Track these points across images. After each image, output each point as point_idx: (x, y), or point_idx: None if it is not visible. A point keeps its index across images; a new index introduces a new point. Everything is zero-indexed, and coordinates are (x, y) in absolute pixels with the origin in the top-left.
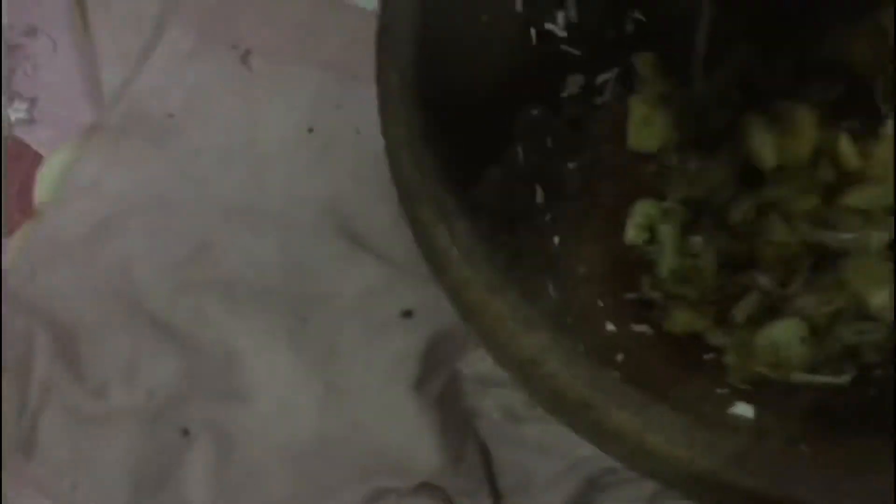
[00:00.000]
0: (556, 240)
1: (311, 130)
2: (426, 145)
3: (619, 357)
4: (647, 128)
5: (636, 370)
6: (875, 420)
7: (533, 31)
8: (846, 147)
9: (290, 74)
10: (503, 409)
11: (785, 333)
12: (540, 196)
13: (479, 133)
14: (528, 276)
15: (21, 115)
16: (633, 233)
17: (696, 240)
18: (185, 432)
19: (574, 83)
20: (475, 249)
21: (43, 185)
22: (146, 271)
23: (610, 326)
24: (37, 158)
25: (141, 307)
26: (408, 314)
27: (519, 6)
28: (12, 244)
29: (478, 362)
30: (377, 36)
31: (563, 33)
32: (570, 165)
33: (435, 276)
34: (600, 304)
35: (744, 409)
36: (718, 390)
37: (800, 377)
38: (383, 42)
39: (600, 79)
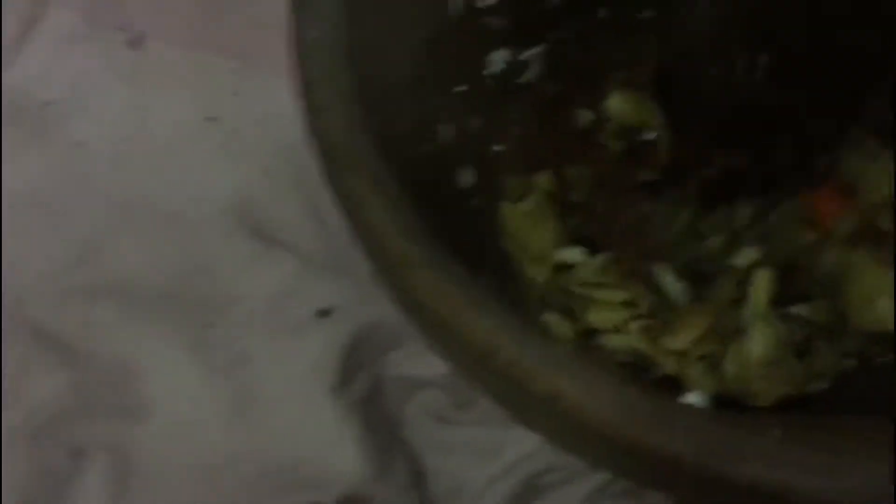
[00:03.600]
0: (487, 225)
1: (211, 120)
2: (359, 106)
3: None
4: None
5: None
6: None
7: (453, 2)
8: None
9: (185, 60)
10: (431, 412)
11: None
12: (467, 179)
13: (404, 107)
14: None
15: None
16: None
17: None
18: (77, 453)
19: (498, 59)
20: (417, 225)
21: None
22: (27, 277)
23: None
24: None
25: (23, 316)
26: (324, 313)
27: None
28: None
29: (403, 362)
30: None
31: (486, 3)
32: (496, 148)
33: (370, 259)
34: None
35: (695, 398)
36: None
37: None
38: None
39: (525, 55)
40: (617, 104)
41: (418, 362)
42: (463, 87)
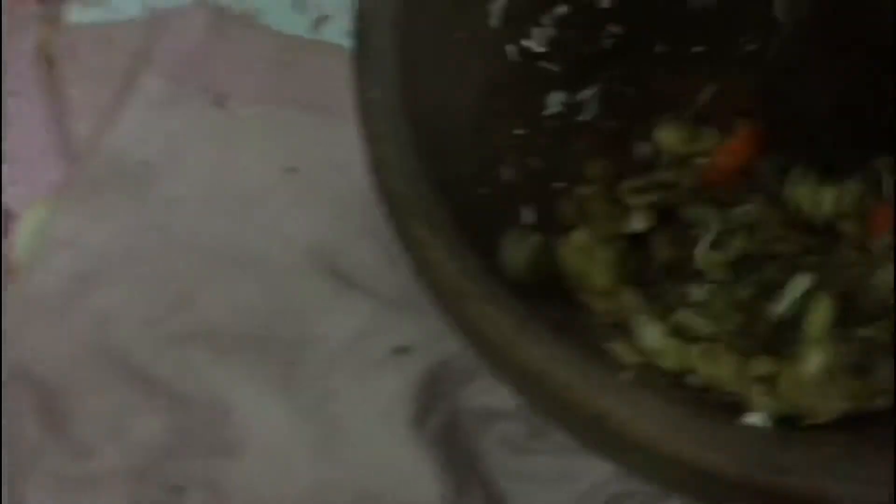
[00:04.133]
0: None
1: (290, 170)
2: (418, 158)
3: (625, 376)
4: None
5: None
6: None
7: (511, 48)
8: None
9: (265, 115)
10: (507, 442)
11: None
12: (529, 217)
13: (464, 153)
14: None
15: None
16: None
17: None
18: (177, 490)
19: (555, 101)
20: (474, 263)
21: (20, 243)
22: (127, 325)
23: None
24: (10, 216)
25: (124, 362)
26: (401, 351)
27: (494, 22)
28: None
29: (478, 395)
30: (353, 59)
31: (540, 49)
32: (556, 185)
33: (432, 295)
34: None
35: (758, 419)
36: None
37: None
38: (361, 64)
39: (581, 95)
40: (666, 136)
41: (493, 395)
42: (522, 130)
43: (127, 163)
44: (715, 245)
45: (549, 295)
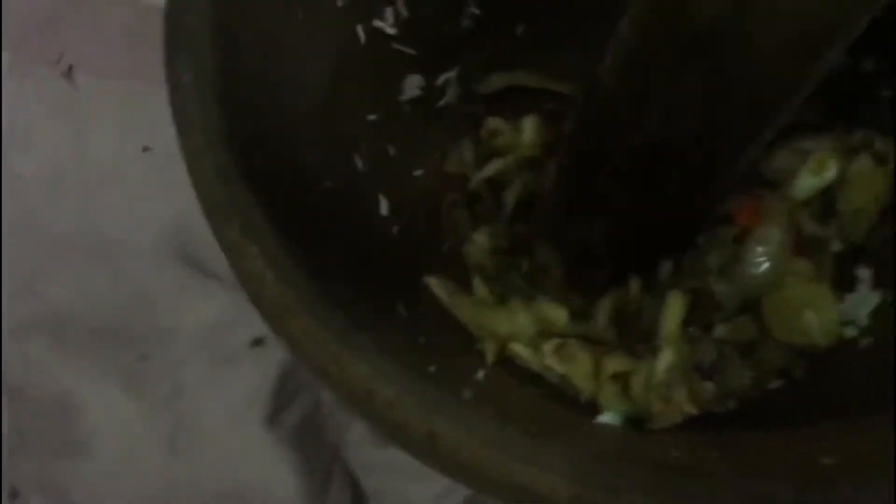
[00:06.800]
0: (406, 254)
1: (146, 149)
2: (233, 152)
3: (480, 375)
4: None
5: (498, 387)
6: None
7: (360, 29)
8: None
9: (119, 89)
10: (370, 435)
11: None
12: (385, 207)
13: (306, 141)
14: (371, 295)
15: None
16: None
17: None
18: (14, 494)
19: (413, 85)
20: (295, 273)
21: None
22: None
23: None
24: None
25: None
26: (258, 342)
27: (340, 1)
28: None
29: None
30: (164, 30)
31: (393, 31)
32: (416, 173)
33: (254, 306)
34: None
35: (609, 419)
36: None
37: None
38: (173, 36)
39: (440, 79)
40: (529, 126)
41: None
42: (377, 116)
43: None
44: None
45: (397, 291)
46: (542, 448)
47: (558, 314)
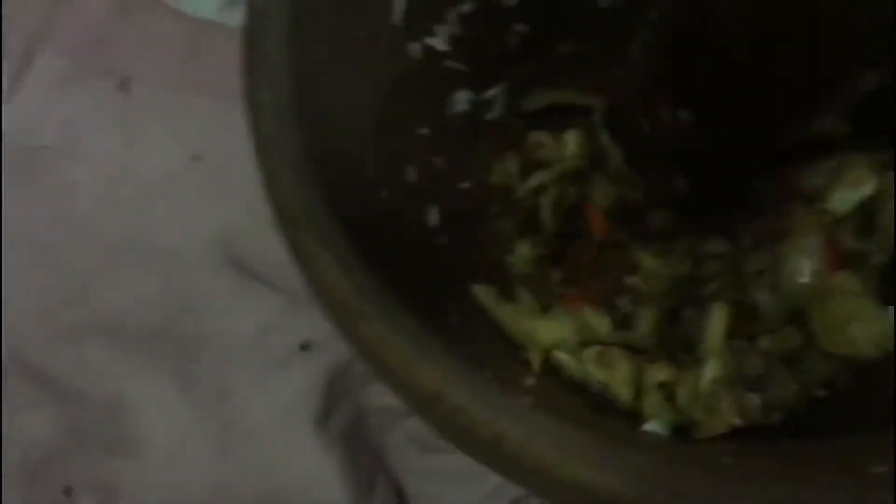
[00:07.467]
0: (455, 263)
1: (196, 158)
2: (308, 166)
3: (529, 381)
4: None
5: (548, 394)
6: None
7: (415, 47)
8: None
9: (170, 100)
10: (414, 439)
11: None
12: (434, 218)
13: (365, 155)
14: (426, 303)
15: None
16: None
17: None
18: (68, 491)
19: (461, 100)
20: (366, 279)
21: None
22: (21, 317)
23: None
24: None
25: (17, 356)
26: (306, 347)
27: (397, 20)
28: None
29: (384, 393)
30: (243, 52)
31: (445, 48)
32: (463, 185)
33: (325, 312)
34: None
35: (655, 427)
36: None
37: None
38: (252, 59)
39: (487, 94)
40: (572, 140)
41: None
42: (427, 130)
43: (22, 146)
44: None
45: (448, 300)
46: (604, 450)
47: (601, 322)
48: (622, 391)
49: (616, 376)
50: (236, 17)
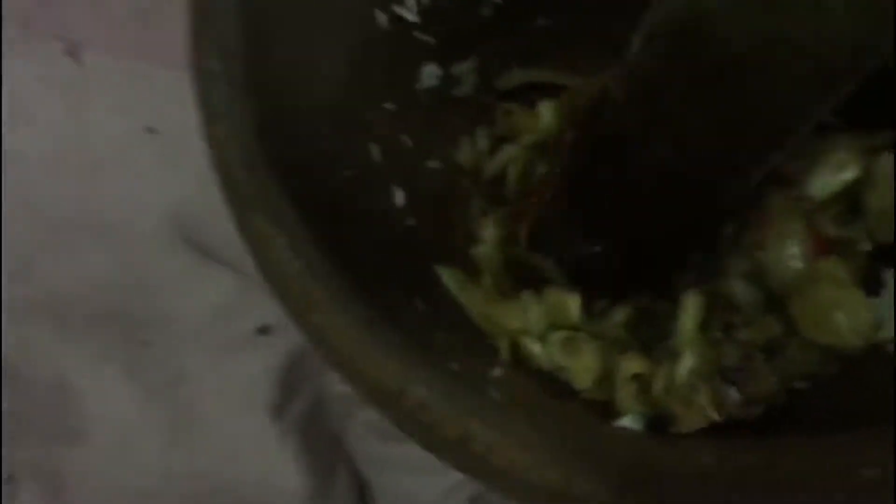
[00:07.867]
0: (421, 246)
1: (150, 131)
2: (261, 140)
3: (497, 372)
4: None
5: (516, 387)
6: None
7: (382, 15)
8: None
9: (124, 69)
10: (373, 428)
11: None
12: (400, 198)
13: (326, 130)
14: (388, 289)
15: None
16: None
17: None
18: (9, 479)
19: (430, 74)
20: (321, 263)
21: None
22: None
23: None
24: None
25: None
26: (264, 331)
27: None
28: None
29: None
30: (190, 13)
31: (415, 18)
32: (431, 164)
33: (276, 297)
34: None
35: (630, 422)
36: None
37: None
38: (199, 21)
39: (458, 69)
40: (546, 112)
41: None
42: (393, 105)
43: None
44: None
45: (413, 285)
46: (575, 452)
47: (571, 302)
48: (583, 379)
49: (580, 364)
50: None
